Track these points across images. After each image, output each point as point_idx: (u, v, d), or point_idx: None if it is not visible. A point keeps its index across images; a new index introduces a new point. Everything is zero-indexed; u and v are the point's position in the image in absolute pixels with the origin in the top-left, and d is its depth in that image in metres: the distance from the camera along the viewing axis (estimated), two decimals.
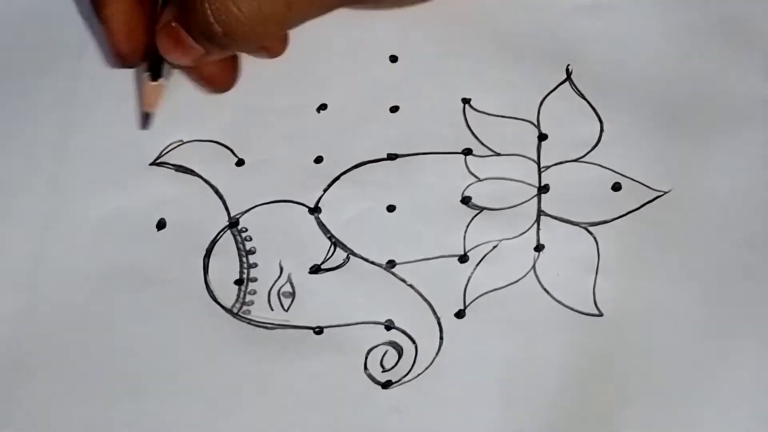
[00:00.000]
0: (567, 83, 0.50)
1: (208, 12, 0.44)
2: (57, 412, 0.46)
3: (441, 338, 0.46)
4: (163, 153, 0.50)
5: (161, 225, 0.48)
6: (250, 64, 0.50)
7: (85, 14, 0.52)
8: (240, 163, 0.49)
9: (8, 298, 0.47)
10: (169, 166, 0.49)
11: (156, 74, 0.48)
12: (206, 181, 0.49)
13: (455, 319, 0.46)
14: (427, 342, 0.46)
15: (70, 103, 0.50)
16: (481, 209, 0.48)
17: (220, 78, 0.50)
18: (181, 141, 0.50)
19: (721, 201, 0.47)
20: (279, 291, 0.47)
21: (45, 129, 0.50)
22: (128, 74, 0.51)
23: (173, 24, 0.46)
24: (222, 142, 0.50)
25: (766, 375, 0.45)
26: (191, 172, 0.49)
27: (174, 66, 0.48)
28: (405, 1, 0.49)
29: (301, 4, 0.46)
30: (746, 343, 0.45)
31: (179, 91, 0.50)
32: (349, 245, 0.48)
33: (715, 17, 0.50)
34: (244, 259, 0.48)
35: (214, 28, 0.45)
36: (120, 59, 0.48)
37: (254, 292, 0.47)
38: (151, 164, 0.49)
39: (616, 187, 0.48)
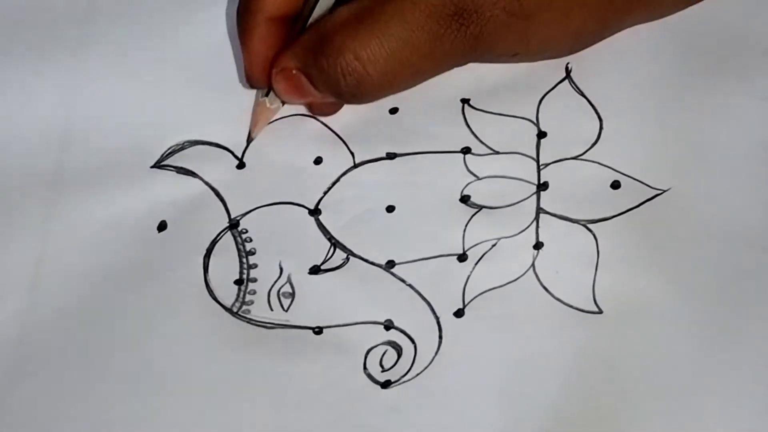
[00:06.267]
0: (566, 81, 0.49)
1: (339, 73, 0.45)
2: (57, 411, 0.45)
3: (440, 337, 0.46)
4: (165, 155, 0.50)
5: (162, 227, 0.48)
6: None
7: (85, 12, 0.52)
8: (240, 165, 0.49)
9: (9, 300, 0.47)
10: (171, 169, 0.49)
11: (266, 92, 0.49)
12: (207, 184, 0.49)
13: (454, 318, 0.46)
14: (427, 341, 0.46)
15: (72, 104, 0.50)
16: (480, 208, 0.48)
17: (328, 110, 0.50)
18: (182, 143, 0.50)
19: (720, 200, 0.47)
20: (279, 291, 0.47)
21: (46, 130, 0.50)
22: (130, 75, 0.51)
23: (294, 72, 0.47)
24: (223, 144, 0.50)
25: (767, 372, 0.44)
26: (192, 174, 0.49)
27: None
28: (523, 60, 0.49)
29: (426, 66, 0.46)
30: (746, 341, 0.45)
31: (183, 95, 0.51)
32: (348, 246, 0.48)
33: (715, 16, 0.50)
34: (244, 260, 0.48)
35: (343, 88, 0.46)
36: (252, 82, 0.49)
37: (254, 292, 0.47)
38: (152, 167, 0.49)
39: (615, 185, 0.47)
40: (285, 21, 0.48)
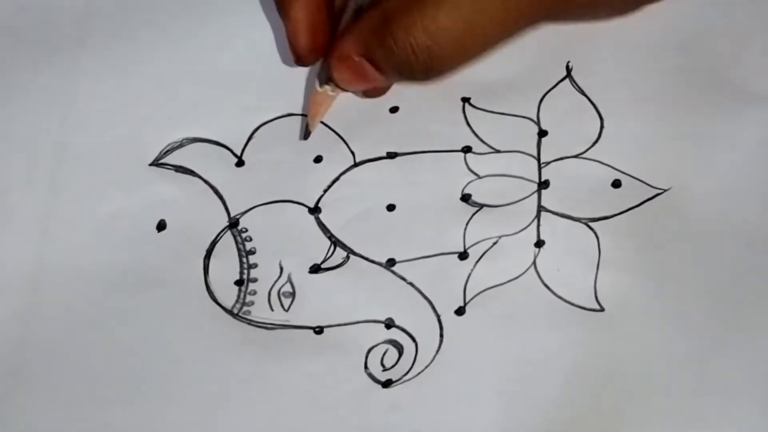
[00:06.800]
0: (567, 80, 0.49)
1: (410, 51, 0.43)
2: (57, 413, 0.45)
3: (441, 336, 0.46)
4: (163, 153, 0.49)
5: (161, 226, 0.48)
6: (245, 65, 0.50)
7: (83, 10, 0.52)
8: (240, 163, 0.49)
9: (8, 300, 0.47)
10: (169, 167, 0.49)
11: (323, 80, 0.47)
12: (206, 182, 0.49)
13: (455, 316, 0.46)
14: (428, 340, 0.46)
15: (69, 101, 0.50)
16: (481, 206, 0.47)
17: (381, 91, 0.49)
18: (180, 141, 0.50)
19: (720, 199, 0.47)
20: (279, 291, 0.47)
21: (44, 128, 0.50)
22: (127, 72, 0.51)
23: (357, 59, 0.45)
24: (221, 142, 0.50)
25: (767, 372, 0.44)
26: (191, 172, 0.49)
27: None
28: (599, 14, 0.48)
29: (499, 31, 0.44)
30: (747, 340, 0.45)
31: (181, 93, 0.50)
32: (349, 244, 0.47)
33: (716, 16, 0.50)
34: (244, 260, 0.48)
35: (415, 66, 0.44)
36: (298, 58, 0.47)
37: (254, 293, 0.47)
38: (150, 164, 0.49)
39: (616, 184, 0.47)
40: None
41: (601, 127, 0.49)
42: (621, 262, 0.46)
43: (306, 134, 0.49)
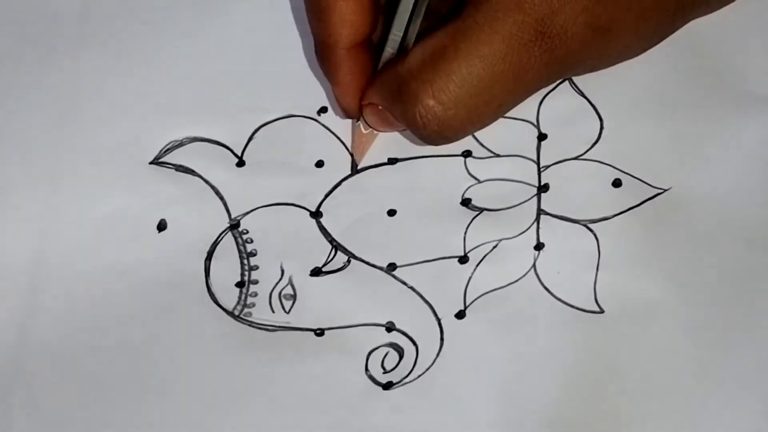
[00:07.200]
0: (567, 82, 0.49)
1: (419, 120, 0.43)
2: (57, 413, 0.46)
3: (441, 339, 0.46)
4: (163, 152, 0.49)
5: (162, 226, 0.48)
6: (247, 65, 0.50)
7: (83, 8, 0.51)
8: (240, 163, 0.49)
9: (8, 300, 0.47)
10: (169, 166, 0.49)
11: (366, 124, 0.48)
12: (206, 182, 0.49)
13: (456, 319, 0.46)
14: (428, 343, 0.46)
15: (69, 100, 0.50)
16: (481, 210, 0.48)
17: None
18: (181, 140, 0.50)
19: (720, 199, 0.47)
20: (280, 293, 0.47)
21: (44, 128, 0.50)
22: (128, 72, 0.50)
23: (380, 108, 0.45)
24: (222, 142, 0.50)
25: (767, 372, 0.45)
26: (191, 171, 0.49)
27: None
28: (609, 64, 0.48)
29: (511, 99, 0.44)
30: (747, 340, 0.45)
31: (182, 92, 0.50)
32: (350, 249, 0.48)
33: (716, 16, 0.50)
34: (245, 261, 0.48)
35: (424, 134, 0.44)
36: (347, 114, 0.48)
37: (255, 294, 0.47)
38: (150, 163, 0.49)
39: (617, 183, 0.48)
40: (366, 45, 0.46)
41: (601, 128, 0.49)
42: (621, 264, 0.46)
43: (353, 167, 0.49)
